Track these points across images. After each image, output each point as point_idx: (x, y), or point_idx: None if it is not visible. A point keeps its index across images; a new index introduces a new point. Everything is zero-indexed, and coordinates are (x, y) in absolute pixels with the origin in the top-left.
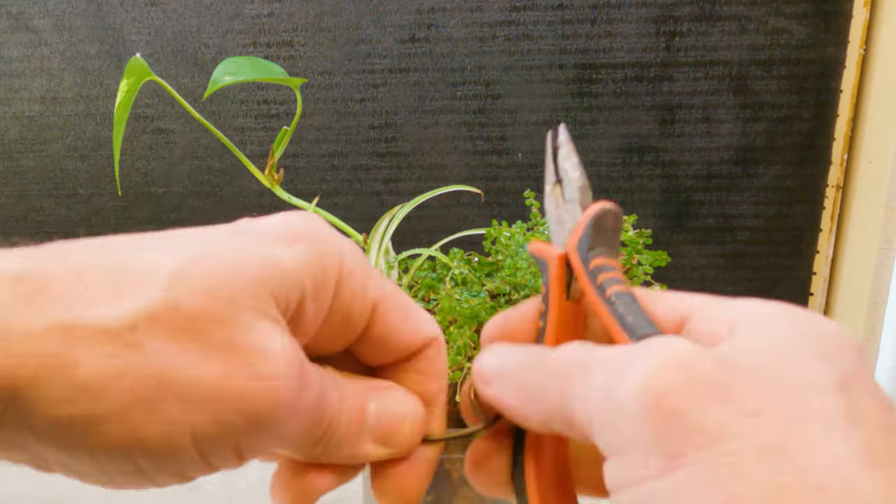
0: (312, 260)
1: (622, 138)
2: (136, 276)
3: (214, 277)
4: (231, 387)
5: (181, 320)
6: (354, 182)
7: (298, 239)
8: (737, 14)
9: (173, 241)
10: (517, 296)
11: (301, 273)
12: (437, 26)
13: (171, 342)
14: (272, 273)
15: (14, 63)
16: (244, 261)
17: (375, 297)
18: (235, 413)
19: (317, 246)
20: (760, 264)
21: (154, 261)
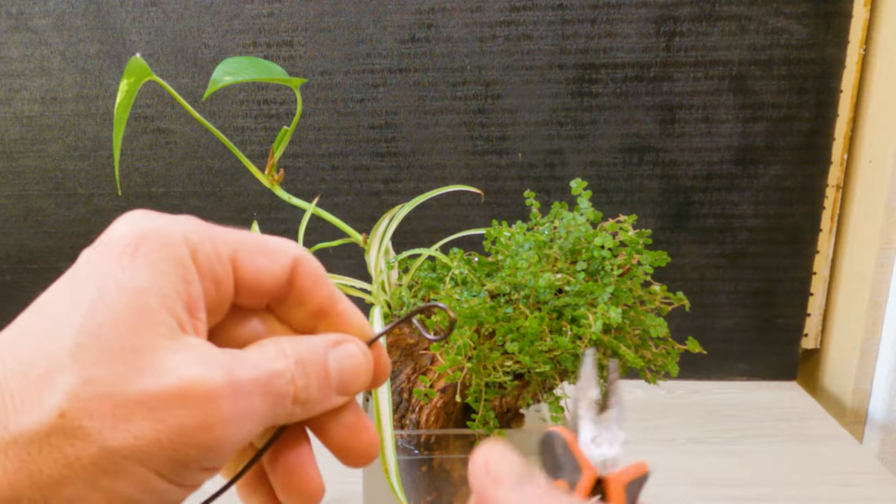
0: (162, 259)
1: (622, 138)
2: (49, 361)
3: (109, 341)
4: (167, 435)
5: (99, 396)
6: (354, 182)
7: (141, 244)
8: (737, 14)
9: (65, 309)
10: (517, 295)
11: (160, 272)
12: (437, 26)
13: (97, 421)
14: (146, 301)
15: (14, 63)
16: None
17: (230, 252)
18: (184, 455)
19: (158, 240)
20: (760, 264)
21: (57, 336)
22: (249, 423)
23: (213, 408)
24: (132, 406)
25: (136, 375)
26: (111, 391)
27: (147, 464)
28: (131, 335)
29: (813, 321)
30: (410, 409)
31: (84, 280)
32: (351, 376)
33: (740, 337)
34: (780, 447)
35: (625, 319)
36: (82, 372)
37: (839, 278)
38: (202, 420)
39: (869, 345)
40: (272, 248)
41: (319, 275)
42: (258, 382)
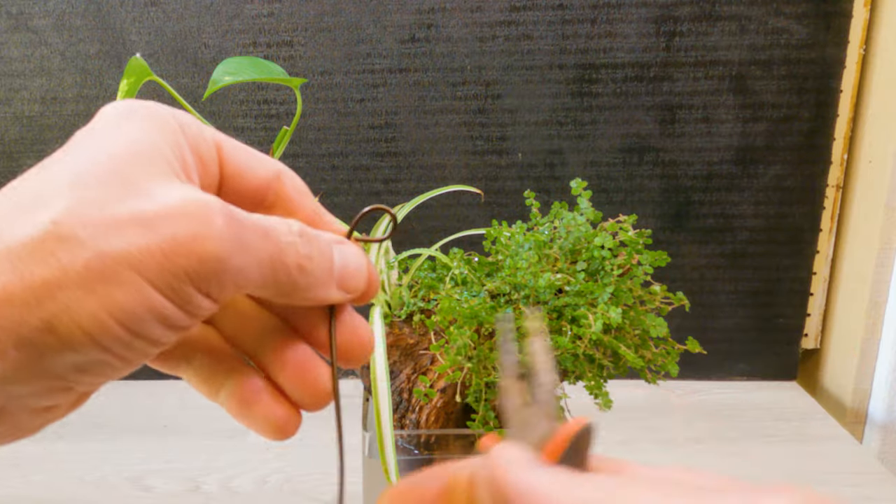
0: (156, 123)
1: (622, 138)
2: (42, 191)
3: (105, 172)
4: (159, 244)
5: (93, 211)
6: (354, 182)
7: (132, 113)
8: (737, 14)
9: (60, 157)
10: (517, 296)
11: (153, 133)
12: (437, 26)
13: (91, 229)
14: (141, 147)
15: (14, 63)
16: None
17: (215, 138)
18: (177, 266)
19: (148, 110)
20: (760, 264)
21: (52, 175)
22: (245, 257)
23: (206, 221)
24: (126, 219)
25: (131, 197)
26: (105, 207)
27: (140, 271)
28: (128, 170)
29: (813, 321)
30: (410, 409)
31: (81, 140)
32: (352, 271)
33: (740, 337)
34: (779, 447)
35: (625, 319)
36: (77, 193)
37: (839, 278)
38: (195, 231)
39: (869, 345)
40: (257, 153)
41: (304, 189)
42: (258, 226)
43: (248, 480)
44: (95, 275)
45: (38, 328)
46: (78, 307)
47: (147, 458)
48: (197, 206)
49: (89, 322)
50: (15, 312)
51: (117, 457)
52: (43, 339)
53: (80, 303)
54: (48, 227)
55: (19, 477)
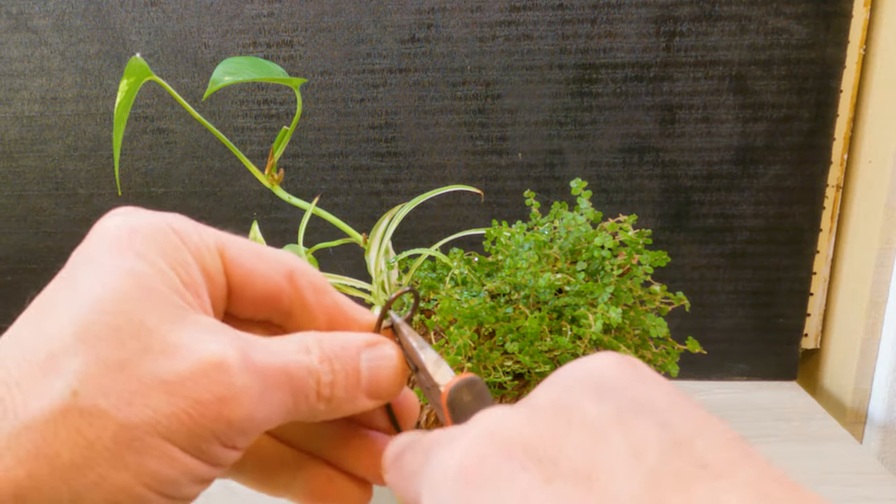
0: (157, 245)
1: (622, 138)
2: (51, 352)
3: (116, 319)
4: (185, 410)
5: (112, 375)
6: (354, 182)
7: (133, 233)
8: (737, 14)
9: (65, 300)
10: (517, 295)
11: (157, 256)
12: (437, 26)
13: (114, 398)
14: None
15: (14, 63)
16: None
17: (217, 243)
18: (205, 429)
19: (148, 228)
20: (760, 264)
21: (59, 324)
22: (268, 406)
23: (228, 381)
24: (146, 382)
25: (147, 352)
26: (123, 368)
27: (169, 438)
28: (137, 312)
29: (813, 321)
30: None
31: (81, 271)
32: (384, 379)
33: (740, 337)
34: (779, 447)
35: (625, 319)
36: (90, 351)
37: (839, 278)
38: (218, 394)
39: (869, 345)
40: (265, 251)
41: (321, 285)
42: (274, 368)
43: None
44: (124, 448)
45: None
46: (109, 482)
47: None
48: (220, 365)
49: (121, 494)
50: (43, 495)
51: None
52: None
53: (110, 477)
54: (68, 399)
55: None
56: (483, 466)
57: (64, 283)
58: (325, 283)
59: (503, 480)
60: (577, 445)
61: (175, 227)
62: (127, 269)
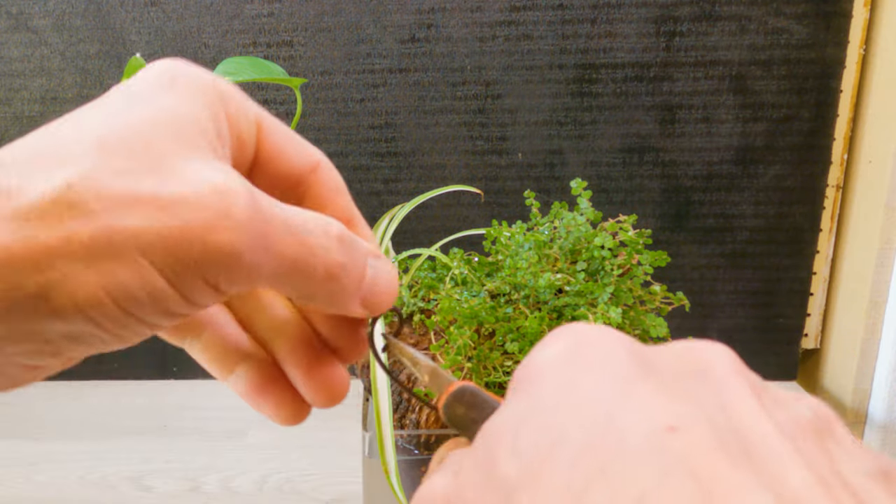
0: (197, 92)
1: (622, 138)
2: (66, 147)
3: (135, 139)
4: (169, 228)
5: (112, 181)
6: (354, 182)
7: (176, 78)
8: (737, 14)
9: (92, 114)
10: (517, 295)
11: (194, 103)
12: (437, 26)
13: (105, 201)
14: (178, 117)
15: (14, 63)
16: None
17: (257, 115)
18: (184, 253)
19: (190, 77)
20: (760, 264)
21: (81, 129)
22: (265, 255)
23: (226, 212)
24: (141, 197)
25: (153, 172)
26: (125, 179)
27: (146, 253)
28: (159, 142)
29: (813, 321)
30: (410, 409)
31: (117, 98)
32: (381, 290)
33: (740, 337)
34: None
35: (625, 319)
36: (100, 158)
37: (839, 278)
38: (208, 219)
39: (869, 345)
40: (298, 138)
41: (340, 186)
42: (288, 223)
43: (248, 480)
44: (99, 249)
45: (31, 294)
46: (75, 279)
47: (147, 458)
48: (220, 194)
49: (84, 296)
50: (13, 275)
51: (117, 457)
52: (35, 305)
53: (77, 275)
54: (62, 189)
55: (20, 477)
56: None
57: (99, 106)
58: (343, 186)
59: None
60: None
61: (220, 87)
62: (160, 105)
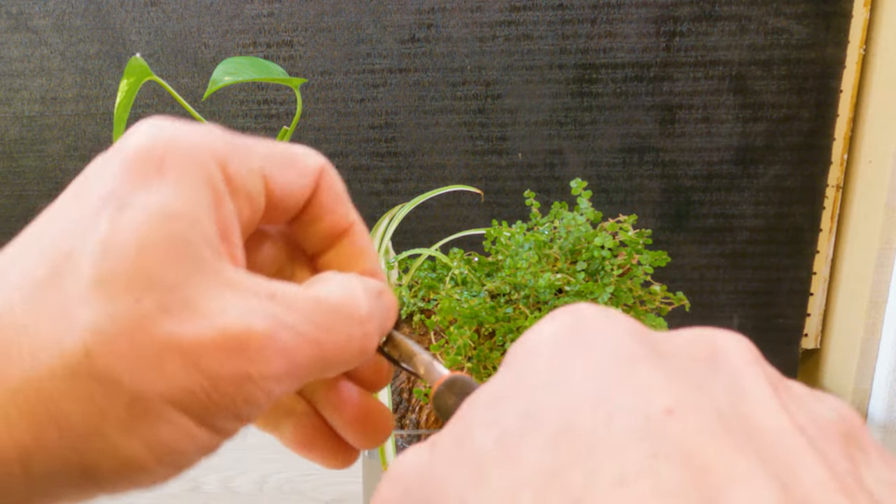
0: (191, 175)
1: (622, 138)
2: (64, 294)
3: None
4: (202, 385)
5: (128, 336)
6: (354, 182)
7: (165, 159)
8: (737, 14)
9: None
10: (517, 295)
11: (190, 194)
12: (437, 26)
13: (128, 365)
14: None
15: (14, 63)
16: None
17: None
18: (223, 406)
19: (183, 157)
20: (760, 264)
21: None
22: (291, 381)
23: (252, 361)
24: (163, 348)
25: (168, 314)
26: (140, 329)
27: (185, 411)
28: (161, 266)
29: (813, 321)
30: (410, 409)
31: (102, 194)
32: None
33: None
34: None
35: None
36: (106, 305)
37: (839, 278)
38: (239, 372)
39: (869, 345)
40: (300, 158)
41: (340, 190)
42: (311, 341)
43: (248, 480)
44: (137, 417)
45: (74, 475)
46: (119, 450)
47: None
48: (243, 338)
49: (130, 463)
50: (50, 461)
51: None
52: (78, 483)
53: (121, 446)
54: (81, 360)
55: None
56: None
57: (81, 204)
58: (343, 190)
59: None
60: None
61: (216, 150)
62: (155, 210)
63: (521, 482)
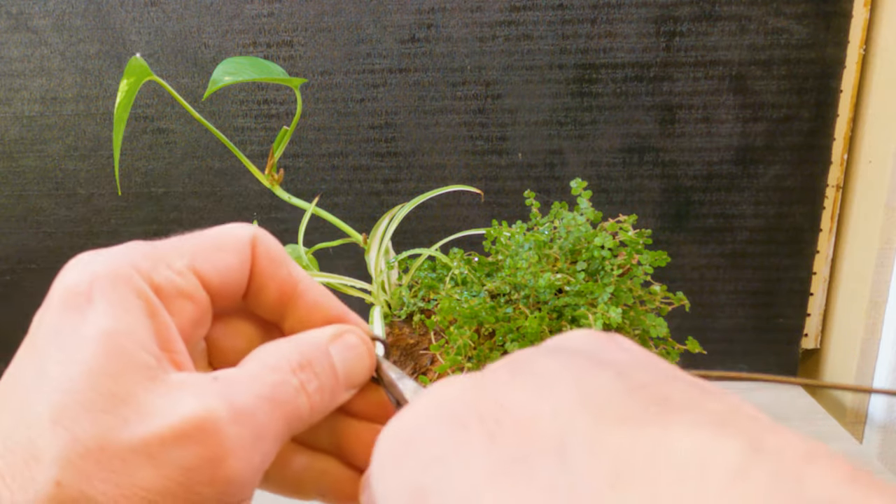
0: (116, 295)
1: (622, 138)
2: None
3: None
4: (174, 480)
5: (92, 458)
6: (354, 182)
7: (93, 288)
8: (737, 14)
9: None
10: (517, 295)
11: (122, 312)
12: (437, 26)
13: (98, 484)
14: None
15: (14, 63)
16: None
17: (186, 263)
18: (199, 494)
19: (106, 280)
20: (760, 264)
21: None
22: (264, 445)
23: (217, 439)
24: (129, 457)
25: (124, 423)
26: (102, 447)
27: (166, 500)
28: (108, 382)
29: (813, 321)
30: None
31: (44, 342)
32: (356, 368)
33: (740, 337)
34: None
35: (625, 319)
36: (65, 434)
37: (839, 278)
38: (208, 455)
39: (869, 345)
40: (227, 237)
41: (277, 253)
42: (263, 398)
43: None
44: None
45: None
46: None
47: None
48: (201, 423)
49: None
50: None
51: None
52: None
53: None
54: (53, 491)
55: None
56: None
57: (30, 358)
58: (281, 253)
59: (443, 439)
60: (520, 398)
61: (139, 266)
62: (91, 335)
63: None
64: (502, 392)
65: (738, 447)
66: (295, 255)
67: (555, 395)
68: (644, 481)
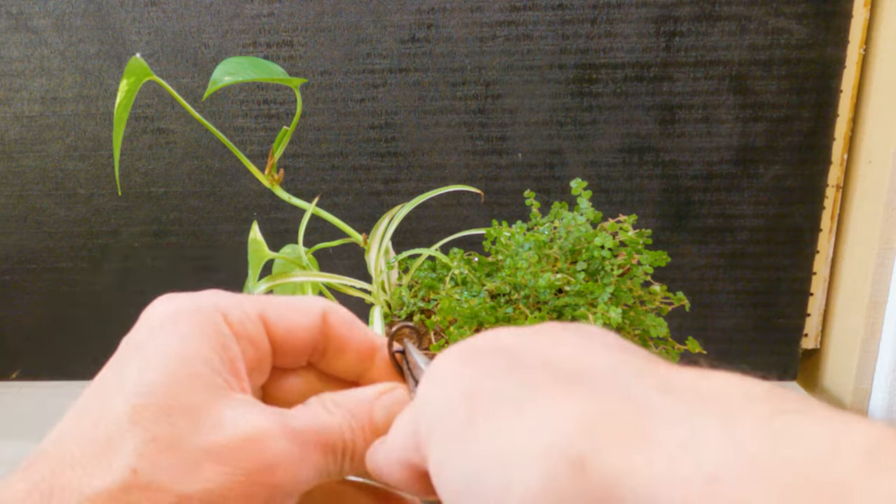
0: (198, 326)
1: (622, 138)
2: (108, 435)
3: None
4: (237, 480)
5: (166, 452)
6: (354, 182)
7: (177, 316)
8: (737, 14)
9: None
10: (517, 295)
11: (200, 338)
12: (437, 26)
13: (169, 474)
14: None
15: (14, 63)
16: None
17: (260, 311)
18: (256, 496)
19: (192, 314)
20: (760, 264)
21: (113, 407)
22: (307, 469)
23: (271, 449)
24: (199, 457)
25: (197, 429)
26: (176, 445)
27: (225, 501)
28: (184, 394)
29: (813, 321)
30: None
31: (129, 356)
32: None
33: (740, 337)
34: None
35: (625, 319)
36: (144, 432)
37: (839, 278)
38: (264, 461)
39: (869, 345)
40: (299, 302)
41: (351, 320)
42: (311, 431)
43: None
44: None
45: None
46: None
47: None
48: (260, 434)
49: None
50: None
51: None
52: None
53: None
54: (129, 477)
55: None
56: (470, 355)
57: (116, 371)
58: (355, 320)
59: (499, 360)
60: (570, 339)
61: (220, 305)
62: (172, 354)
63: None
64: (529, 341)
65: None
66: (295, 255)
67: (586, 345)
68: (686, 396)
